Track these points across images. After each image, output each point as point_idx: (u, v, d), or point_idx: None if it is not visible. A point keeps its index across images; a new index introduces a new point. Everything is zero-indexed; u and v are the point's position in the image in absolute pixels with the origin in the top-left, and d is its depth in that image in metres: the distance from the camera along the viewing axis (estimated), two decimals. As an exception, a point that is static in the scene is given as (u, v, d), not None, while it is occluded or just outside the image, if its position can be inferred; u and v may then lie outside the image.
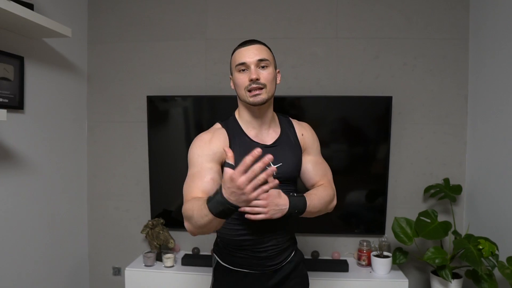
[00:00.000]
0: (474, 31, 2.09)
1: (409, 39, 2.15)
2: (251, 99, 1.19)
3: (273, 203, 1.10)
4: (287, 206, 1.14)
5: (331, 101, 2.11)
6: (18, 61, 1.75)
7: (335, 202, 1.34)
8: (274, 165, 1.21)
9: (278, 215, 1.13)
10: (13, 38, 1.73)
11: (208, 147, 1.20)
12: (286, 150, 1.29)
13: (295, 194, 1.21)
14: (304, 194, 1.23)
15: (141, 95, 2.26)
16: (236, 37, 2.19)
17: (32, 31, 1.72)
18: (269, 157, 0.84)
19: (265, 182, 0.87)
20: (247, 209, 1.06)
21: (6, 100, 1.69)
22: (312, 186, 1.35)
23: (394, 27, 2.15)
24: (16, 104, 1.75)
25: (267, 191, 0.89)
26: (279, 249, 1.30)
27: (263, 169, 0.85)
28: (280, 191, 1.16)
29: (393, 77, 2.16)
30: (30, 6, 1.61)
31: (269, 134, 1.30)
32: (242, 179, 0.85)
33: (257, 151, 0.84)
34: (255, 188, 0.87)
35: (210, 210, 0.95)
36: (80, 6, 2.26)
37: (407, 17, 2.15)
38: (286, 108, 2.10)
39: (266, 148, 1.23)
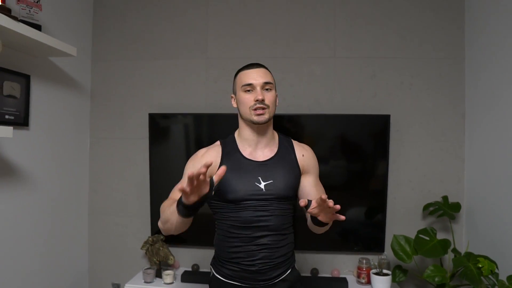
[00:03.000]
0: (469, 49, 2.14)
1: (405, 59, 2.20)
2: (255, 118, 1.28)
3: None
4: None
5: (329, 119, 2.14)
6: (25, 79, 1.80)
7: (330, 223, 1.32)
8: (263, 182, 1.29)
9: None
10: (20, 58, 1.79)
11: (200, 161, 1.34)
12: (279, 168, 1.32)
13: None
14: None
15: (142, 112, 2.30)
16: (236, 56, 2.26)
17: (39, 50, 1.78)
18: (222, 169, 1.02)
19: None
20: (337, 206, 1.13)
21: (12, 117, 1.73)
22: None
23: (390, 47, 2.20)
24: (21, 121, 1.79)
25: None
26: (271, 264, 1.30)
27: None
28: None
29: (390, 95, 2.20)
30: (38, 27, 1.68)
31: (264, 153, 1.35)
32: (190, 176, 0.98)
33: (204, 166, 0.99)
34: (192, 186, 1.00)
35: (177, 205, 1.11)
36: (85, 26, 2.34)
37: (403, 37, 2.20)
38: (285, 125, 2.14)
39: (257, 164, 1.32)
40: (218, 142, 1.41)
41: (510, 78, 1.74)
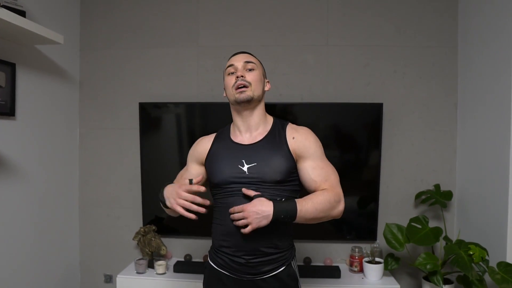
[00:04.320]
0: (462, 38, 2.13)
1: (399, 47, 2.18)
2: (237, 95, 1.27)
3: (252, 211, 1.13)
4: (271, 212, 1.12)
5: (322, 108, 2.13)
6: (10, 68, 1.74)
7: (341, 207, 1.27)
8: (247, 165, 1.27)
9: (264, 222, 1.12)
10: (4, 45, 1.73)
11: (194, 149, 1.42)
12: (265, 151, 1.27)
13: (283, 199, 1.20)
14: (297, 199, 1.19)
15: (133, 101, 2.26)
16: (228, 45, 2.22)
17: (24, 38, 1.73)
18: (206, 202, 1.17)
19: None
20: (238, 222, 1.17)
21: (-3, 107, 1.69)
22: None
23: (384, 35, 2.18)
24: (7, 110, 1.74)
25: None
26: (259, 258, 1.24)
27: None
28: (264, 198, 1.17)
29: (384, 84, 2.19)
30: (22, 13, 1.62)
31: (253, 136, 1.33)
32: (182, 194, 1.18)
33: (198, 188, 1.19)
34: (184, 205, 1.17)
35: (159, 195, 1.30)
36: (72, 13, 2.27)
37: (396, 26, 2.18)
38: (278, 115, 2.10)
39: (242, 147, 1.31)
40: (217, 131, 1.44)
41: (503, 67, 1.74)
